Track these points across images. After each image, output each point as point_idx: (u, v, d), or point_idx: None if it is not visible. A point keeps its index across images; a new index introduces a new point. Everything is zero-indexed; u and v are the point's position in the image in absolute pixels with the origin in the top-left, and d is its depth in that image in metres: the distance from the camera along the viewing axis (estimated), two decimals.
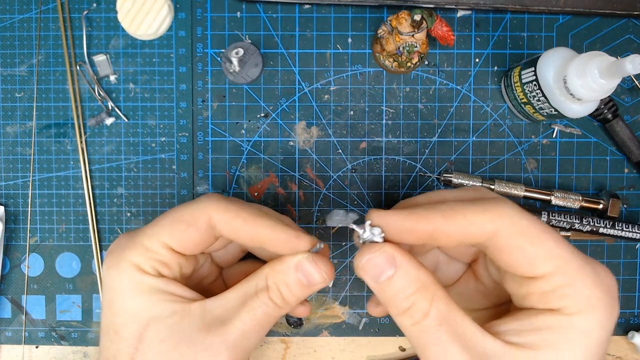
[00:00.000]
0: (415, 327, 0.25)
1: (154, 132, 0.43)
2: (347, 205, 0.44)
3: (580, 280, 0.25)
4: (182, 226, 0.29)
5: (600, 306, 0.25)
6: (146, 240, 0.29)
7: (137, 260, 0.28)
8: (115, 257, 0.29)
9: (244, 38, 0.43)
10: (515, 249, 0.25)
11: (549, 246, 0.25)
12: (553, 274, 0.25)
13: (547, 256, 0.25)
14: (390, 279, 0.26)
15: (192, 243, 0.29)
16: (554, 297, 0.25)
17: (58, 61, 0.43)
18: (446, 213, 0.26)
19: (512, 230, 0.25)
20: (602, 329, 0.25)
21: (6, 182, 0.44)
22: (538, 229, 0.25)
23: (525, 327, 0.25)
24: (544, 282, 0.25)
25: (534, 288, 0.25)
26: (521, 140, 0.43)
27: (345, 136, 0.43)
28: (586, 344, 0.24)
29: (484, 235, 0.25)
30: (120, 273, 0.28)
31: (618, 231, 0.42)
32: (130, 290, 0.28)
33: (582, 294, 0.25)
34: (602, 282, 0.25)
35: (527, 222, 0.25)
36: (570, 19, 0.43)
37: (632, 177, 0.44)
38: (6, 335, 0.44)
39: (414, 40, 0.38)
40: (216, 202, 0.29)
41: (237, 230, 0.29)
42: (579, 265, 0.25)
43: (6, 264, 0.44)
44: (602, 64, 0.33)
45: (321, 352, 0.44)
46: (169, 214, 0.30)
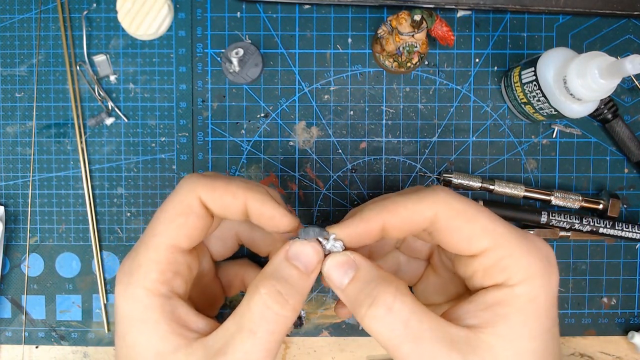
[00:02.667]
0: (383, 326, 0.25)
1: (154, 132, 0.43)
2: (347, 205, 0.44)
3: (517, 251, 0.26)
4: (181, 219, 0.28)
5: (540, 272, 0.26)
6: (152, 253, 0.28)
7: (146, 280, 0.27)
8: (123, 283, 0.28)
9: (244, 38, 0.43)
10: (454, 230, 0.27)
11: (483, 223, 0.27)
12: (491, 248, 0.26)
13: (483, 232, 0.27)
14: (352, 280, 0.27)
15: (197, 231, 0.29)
16: (496, 270, 0.26)
17: (58, 61, 0.43)
18: (390, 207, 0.28)
19: (448, 213, 0.27)
20: (545, 294, 0.26)
21: (6, 182, 0.44)
22: (472, 209, 0.27)
23: (479, 307, 0.26)
24: (485, 257, 0.27)
25: (477, 265, 0.27)
26: (521, 140, 0.43)
27: (345, 136, 0.43)
28: (534, 310, 0.26)
29: (426, 220, 0.27)
30: (130, 301, 0.27)
31: (618, 231, 0.42)
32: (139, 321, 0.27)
33: (521, 263, 0.26)
34: (539, 251, 0.27)
35: (462, 204, 0.27)
36: (570, 19, 0.43)
37: (632, 177, 0.44)
38: (6, 335, 0.44)
39: (414, 40, 0.38)
40: (201, 182, 0.28)
41: (228, 206, 0.29)
42: (515, 238, 0.27)
43: (6, 264, 0.44)
44: (602, 64, 0.33)
45: (321, 352, 0.44)
46: (161, 215, 0.29)
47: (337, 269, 0.28)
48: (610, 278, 0.44)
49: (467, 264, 0.28)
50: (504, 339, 0.25)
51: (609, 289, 0.44)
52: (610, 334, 0.44)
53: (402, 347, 0.25)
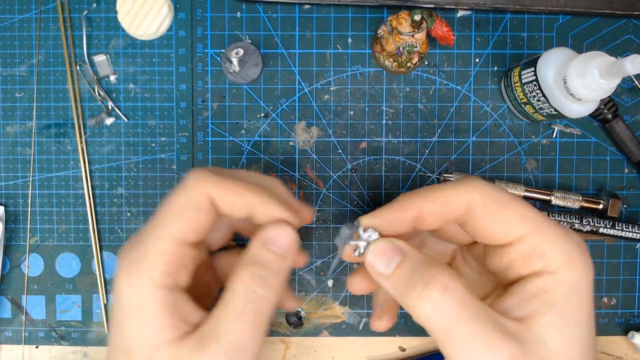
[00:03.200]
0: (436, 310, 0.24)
1: (154, 132, 0.43)
2: (347, 205, 0.44)
3: (554, 236, 0.26)
4: (191, 214, 0.28)
5: (579, 257, 0.26)
6: (160, 244, 0.27)
7: (152, 270, 0.27)
8: (126, 272, 0.27)
9: (244, 38, 0.43)
10: (490, 215, 0.27)
11: (519, 209, 0.27)
12: (528, 234, 0.26)
13: (520, 218, 0.26)
14: (401, 264, 0.26)
15: (204, 225, 0.29)
16: (534, 257, 0.26)
17: (58, 61, 0.43)
18: (425, 194, 0.28)
19: (484, 199, 0.27)
20: (587, 278, 0.26)
21: (6, 182, 0.44)
22: (507, 196, 0.27)
23: (523, 298, 0.26)
24: (522, 244, 0.26)
25: (514, 253, 0.27)
26: (521, 140, 0.43)
27: (345, 136, 0.43)
28: (579, 295, 0.26)
29: (461, 207, 0.27)
30: (133, 291, 0.27)
31: (618, 231, 0.42)
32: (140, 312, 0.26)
33: (559, 249, 0.26)
34: (573, 238, 0.27)
35: (497, 191, 0.27)
36: (570, 19, 0.43)
37: (632, 177, 0.44)
38: (6, 335, 0.44)
39: (414, 40, 0.38)
40: (211, 180, 0.28)
41: (234, 206, 0.29)
42: (550, 224, 0.27)
43: (6, 264, 0.44)
44: (602, 64, 0.33)
45: (321, 352, 0.44)
46: (168, 209, 0.28)
47: (381, 257, 0.27)
48: (610, 278, 0.44)
49: (502, 253, 0.27)
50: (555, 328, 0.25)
51: (609, 289, 0.44)
52: (610, 334, 0.44)
53: (456, 330, 0.24)
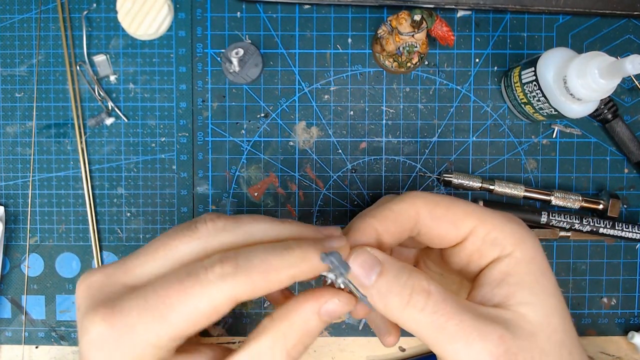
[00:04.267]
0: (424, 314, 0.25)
1: (154, 132, 0.43)
2: (347, 205, 0.44)
3: (499, 223, 0.28)
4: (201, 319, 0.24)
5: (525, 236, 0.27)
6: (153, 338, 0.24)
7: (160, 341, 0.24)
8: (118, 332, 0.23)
9: (244, 38, 0.43)
10: (438, 219, 0.28)
11: (462, 207, 0.28)
12: (476, 227, 0.28)
13: (465, 214, 0.28)
14: (381, 275, 0.26)
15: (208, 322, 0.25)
16: (488, 245, 0.27)
17: (58, 61, 0.43)
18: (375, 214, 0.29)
19: (428, 207, 0.28)
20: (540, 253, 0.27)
21: (6, 182, 0.44)
22: (448, 199, 0.29)
23: (492, 286, 0.27)
24: (474, 237, 0.28)
25: (470, 248, 0.28)
26: (521, 140, 0.43)
27: (345, 136, 0.43)
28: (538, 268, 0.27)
29: (411, 219, 0.28)
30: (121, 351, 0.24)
31: (618, 231, 0.42)
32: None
33: (507, 232, 0.27)
34: (515, 220, 0.28)
35: (438, 197, 0.29)
36: (570, 19, 0.43)
37: (632, 177, 0.44)
38: (6, 335, 0.44)
39: (414, 40, 0.38)
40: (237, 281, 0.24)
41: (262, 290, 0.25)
42: (492, 213, 0.28)
43: (6, 264, 0.44)
44: (602, 64, 0.33)
45: (321, 352, 0.44)
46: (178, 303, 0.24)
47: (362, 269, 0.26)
48: (610, 278, 0.44)
49: (459, 251, 0.29)
50: (529, 303, 0.26)
51: (609, 289, 0.44)
52: (610, 334, 0.44)
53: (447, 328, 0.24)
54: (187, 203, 0.44)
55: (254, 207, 0.44)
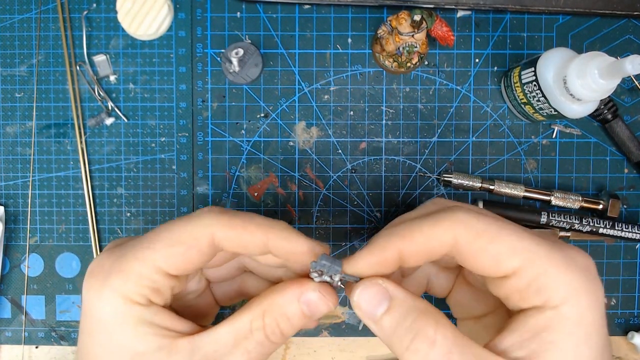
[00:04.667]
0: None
1: (154, 132, 0.43)
2: (347, 205, 0.44)
3: (552, 267, 0.24)
4: (181, 249, 0.26)
5: (582, 288, 0.24)
6: (138, 265, 0.26)
7: (125, 288, 0.25)
8: (98, 282, 0.26)
9: (244, 38, 0.43)
10: (478, 252, 0.25)
11: (510, 241, 0.25)
12: (522, 268, 0.24)
13: (511, 251, 0.24)
14: (387, 312, 0.25)
15: (191, 265, 0.27)
16: (533, 291, 0.24)
17: (58, 61, 0.43)
18: (404, 234, 0.26)
19: (469, 235, 0.25)
20: (593, 311, 0.24)
21: (6, 182, 0.44)
22: (495, 227, 0.25)
23: (524, 337, 0.24)
24: (517, 278, 0.25)
25: (510, 287, 0.25)
26: (521, 140, 0.43)
27: (345, 136, 0.43)
28: (585, 331, 0.24)
29: (445, 245, 0.25)
30: (104, 302, 0.25)
31: (618, 231, 0.42)
32: (114, 321, 0.25)
33: (560, 281, 0.24)
34: (576, 264, 0.25)
35: (483, 223, 0.25)
36: (570, 19, 0.43)
37: (632, 177, 0.44)
38: (6, 335, 0.44)
39: (414, 40, 0.38)
40: (217, 219, 0.27)
41: (246, 244, 0.27)
42: (547, 252, 0.24)
43: (6, 264, 0.44)
44: (602, 64, 0.33)
45: (321, 352, 0.44)
46: (163, 233, 0.27)
47: (368, 301, 0.26)
48: (610, 278, 0.44)
49: (499, 285, 0.26)
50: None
51: (609, 289, 0.44)
52: (610, 334, 0.44)
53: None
54: (187, 203, 0.44)
55: (254, 207, 0.44)
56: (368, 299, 0.26)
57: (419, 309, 0.25)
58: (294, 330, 0.27)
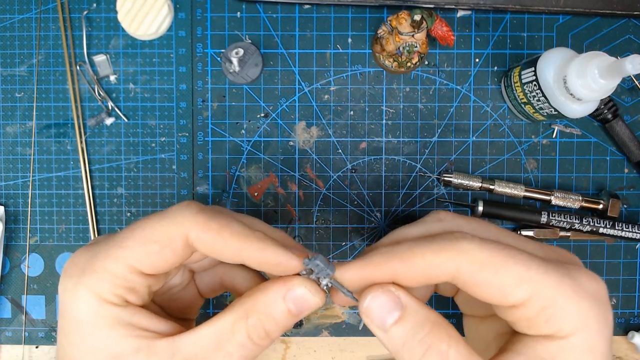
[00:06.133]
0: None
1: (154, 132, 0.43)
2: (347, 205, 0.44)
3: (562, 297, 0.23)
4: (154, 247, 0.25)
5: (593, 317, 0.23)
6: (111, 264, 0.25)
7: (98, 287, 0.25)
8: (72, 281, 0.25)
9: (244, 38, 0.43)
10: (483, 283, 0.24)
11: (517, 271, 0.24)
12: (530, 299, 0.23)
13: (517, 282, 0.23)
14: (399, 322, 0.24)
15: (165, 264, 0.26)
16: (541, 322, 0.24)
17: (58, 61, 0.43)
18: (404, 256, 0.25)
19: (473, 267, 0.24)
20: (603, 340, 0.23)
21: (6, 182, 0.44)
22: (501, 257, 0.24)
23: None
24: (525, 309, 0.24)
25: (519, 316, 0.24)
26: (521, 140, 0.43)
27: (345, 136, 0.43)
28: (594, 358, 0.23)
29: (446, 275, 0.24)
30: (78, 301, 0.25)
31: (618, 231, 0.42)
32: (89, 322, 0.24)
33: (569, 311, 0.23)
34: (586, 291, 0.24)
35: (488, 253, 0.24)
36: (570, 19, 0.43)
37: (632, 177, 0.44)
38: (6, 335, 0.44)
39: (414, 40, 0.38)
40: (193, 218, 0.26)
41: (219, 251, 0.26)
42: (556, 282, 0.24)
43: (6, 264, 0.44)
44: (602, 64, 0.33)
45: (321, 352, 0.44)
46: (137, 231, 0.26)
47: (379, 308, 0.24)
48: (610, 278, 0.44)
49: (506, 312, 0.25)
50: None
51: (609, 289, 0.44)
52: None
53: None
54: None
55: (254, 207, 0.44)
56: (379, 307, 0.25)
57: (432, 321, 0.24)
58: (281, 330, 0.26)
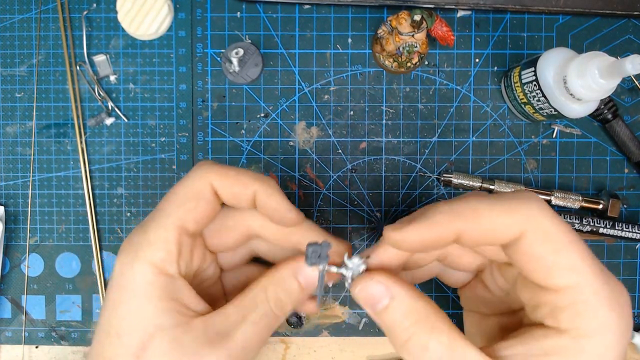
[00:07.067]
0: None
1: (154, 132, 0.43)
2: (347, 205, 0.44)
3: (596, 298, 0.23)
4: (192, 204, 0.29)
5: (614, 328, 0.23)
6: (162, 232, 0.28)
7: (155, 257, 0.27)
8: (129, 256, 0.28)
9: (244, 38, 0.43)
10: (537, 256, 0.24)
11: (573, 258, 0.23)
12: (570, 288, 0.23)
13: (569, 269, 0.23)
14: (387, 309, 0.26)
15: (205, 216, 0.29)
16: (567, 314, 0.23)
17: (58, 61, 0.43)
18: (468, 214, 0.25)
19: (538, 236, 0.24)
20: (617, 351, 0.23)
21: (6, 182, 0.44)
22: (566, 237, 0.24)
23: (532, 352, 0.24)
24: (560, 295, 0.24)
25: (548, 300, 0.24)
26: (521, 140, 0.43)
27: (345, 136, 0.43)
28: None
29: (509, 237, 0.24)
30: (135, 273, 0.27)
31: (618, 231, 0.42)
32: (141, 293, 0.27)
33: (597, 315, 0.23)
34: (618, 302, 0.24)
35: (556, 228, 0.24)
36: (570, 19, 0.43)
37: (632, 177, 0.44)
38: (6, 335, 0.44)
39: (414, 40, 0.38)
40: (214, 169, 0.29)
41: (237, 195, 0.29)
42: (600, 282, 0.23)
43: (6, 264, 0.44)
44: (602, 64, 0.33)
45: (321, 352, 0.44)
46: (171, 197, 0.29)
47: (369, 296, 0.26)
48: None
49: (536, 292, 0.25)
50: None
51: None
52: None
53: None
54: None
55: None
56: (368, 296, 0.27)
57: (417, 312, 0.25)
58: (296, 303, 0.29)
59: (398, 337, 0.25)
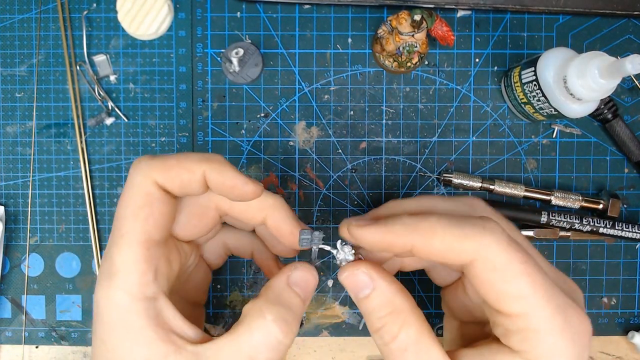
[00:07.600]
0: (383, 348, 0.27)
1: (154, 132, 0.43)
2: (347, 205, 0.44)
3: (547, 327, 0.24)
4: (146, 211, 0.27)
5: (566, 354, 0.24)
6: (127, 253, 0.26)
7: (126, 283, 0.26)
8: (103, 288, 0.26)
9: (244, 38, 0.43)
10: (488, 283, 0.25)
11: (521, 287, 0.24)
12: (519, 315, 0.24)
13: (517, 297, 0.24)
14: (367, 297, 0.27)
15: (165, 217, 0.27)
16: (517, 338, 0.25)
17: (58, 61, 0.43)
18: (425, 233, 0.26)
19: (487, 265, 0.25)
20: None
21: (6, 182, 0.44)
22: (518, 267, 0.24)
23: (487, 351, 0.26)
24: (510, 320, 0.25)
25: (501, 322, 0.25)
26: (521, 140, 0.43)
27: (345, 136, 0.43)
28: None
29: (460, 261, 0.25)
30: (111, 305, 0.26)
31: (618, 231, 0.42)
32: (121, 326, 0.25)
33: (546, 341, 0.24)
34: (572, 331, 0.24)
35: (507, 257, 0.24)
36: (570, 19, 0.43)
37: (632, 177, 0.44)
38: (6, 335, 0.44)
39: (414, 40, 0.38)
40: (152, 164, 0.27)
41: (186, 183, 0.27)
42: (551, 311, 0.24)
43: (6, 264, 0.44)
44: (602, 64, 0.33)
45: (321, 352, 0.44)
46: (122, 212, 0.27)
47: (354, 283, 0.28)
48: (610, 278, 0.44)
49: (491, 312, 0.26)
50: None
51: (609, 289, 0.44)
52: (610, 334, 0.44)
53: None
54: None
55: None
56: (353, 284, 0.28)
57: (393, 305, 0.27)
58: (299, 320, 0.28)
59: (373, 323, 0.27)
